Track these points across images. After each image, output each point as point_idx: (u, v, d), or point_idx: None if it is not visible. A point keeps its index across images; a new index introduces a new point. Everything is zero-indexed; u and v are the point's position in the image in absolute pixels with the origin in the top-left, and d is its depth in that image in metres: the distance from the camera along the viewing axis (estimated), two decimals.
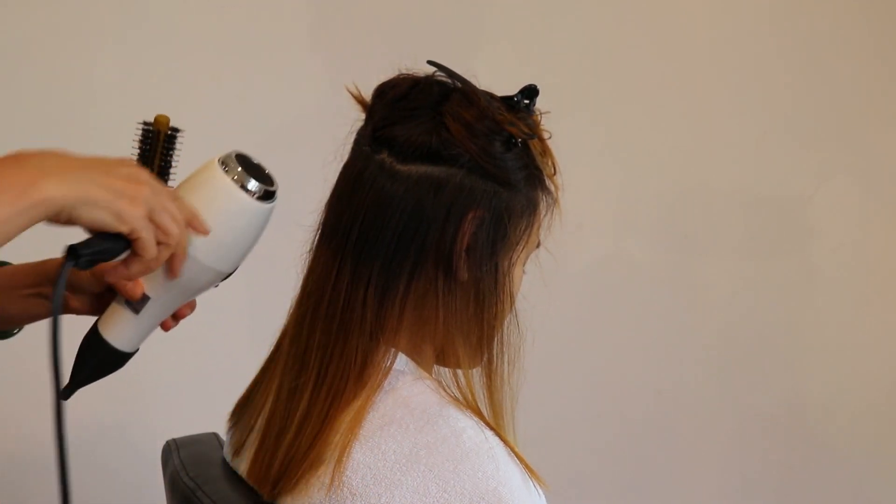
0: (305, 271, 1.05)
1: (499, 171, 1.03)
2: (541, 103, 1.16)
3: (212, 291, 1.03)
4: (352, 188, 1.03)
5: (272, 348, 1.09)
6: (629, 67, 2.08)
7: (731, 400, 2.11)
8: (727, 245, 2.09)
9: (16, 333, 1.22)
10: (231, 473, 1.10)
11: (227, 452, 1.14)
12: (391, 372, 1.01)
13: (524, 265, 1.09)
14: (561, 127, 1.16)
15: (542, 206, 1.08)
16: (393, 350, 1.02)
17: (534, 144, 1.08)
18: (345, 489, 0.97)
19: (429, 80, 1.06)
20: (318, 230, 1.08)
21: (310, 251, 1.07)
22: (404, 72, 1.08)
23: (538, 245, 1.08)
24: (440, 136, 1.01)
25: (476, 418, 1.00)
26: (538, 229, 1.07)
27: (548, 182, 1.09)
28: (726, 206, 2.08)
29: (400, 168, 1.00)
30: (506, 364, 1.06)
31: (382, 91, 1.07)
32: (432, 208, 1.00)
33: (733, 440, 2.13)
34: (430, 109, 1.03)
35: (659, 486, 2.14)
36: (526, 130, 1.02)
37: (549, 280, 1.22)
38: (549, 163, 1.10)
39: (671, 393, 2.10)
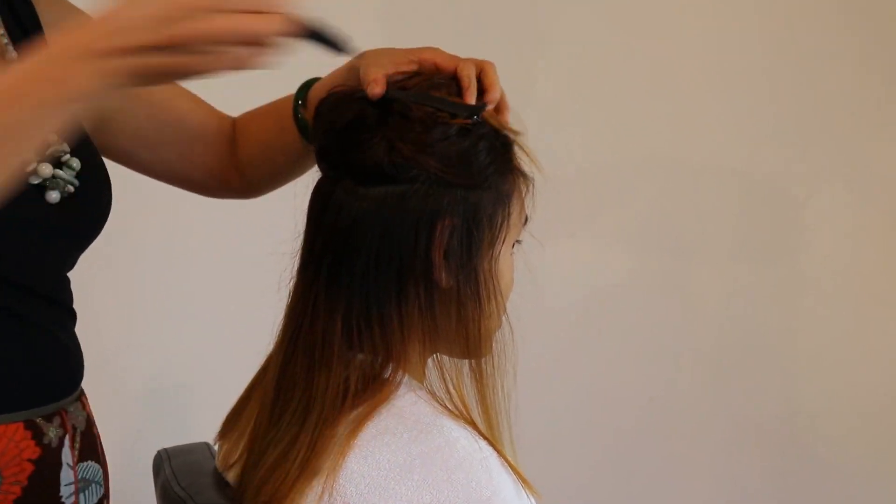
0: (289, 296, 1.03)
1: (461, 178, 1.01)
2: (536, 111, 1.13)
3: (206, 303, 1.02)
4: (320, 213, 1.02)
5: (260, 367, 1.08)
6: (622, 76, 2.07)
7: (724, 407, 2.11)
8: (719, 252, 2.09)
9: None
10: (223, 483, 1.09)
11: (218, 464, 1.12)
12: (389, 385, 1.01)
13: (512, 252, 1.06)
14: (555, 135, 1.15)
15: (518, 191, 1.05)
16: (392, 365, 1.00)
17: (489, 117, 1.06)
18: (338, 498, 0.95)
19: (364, 99, 1.03)
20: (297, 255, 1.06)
21: (292, 277, 1.05)
22: (336, 87, 1.07)
23: (525, 222, 1.05)
24: (392, 159, 0.99)
25: (470, 428, 0.99)
26: (520, 213, 1.05)
27: (518, 162, 1.06)
28: (718, 213, 2.08)
29: (363, 192, 0.99)
30: (496, 370, 1.05)
31: (327, 120, 1.06)
32: (401, 227, 0.99)
33: (725, 447, 2.12)
34: (375, 132, 1.00)
35: (651, 494, 2.13)
36: (474, 105, 1.00)
37: (542, 288, 1.22)
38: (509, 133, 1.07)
39: (663, 400, 2.10)
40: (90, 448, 1.11)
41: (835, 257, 2.09)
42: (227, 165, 1.24)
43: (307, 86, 1.15)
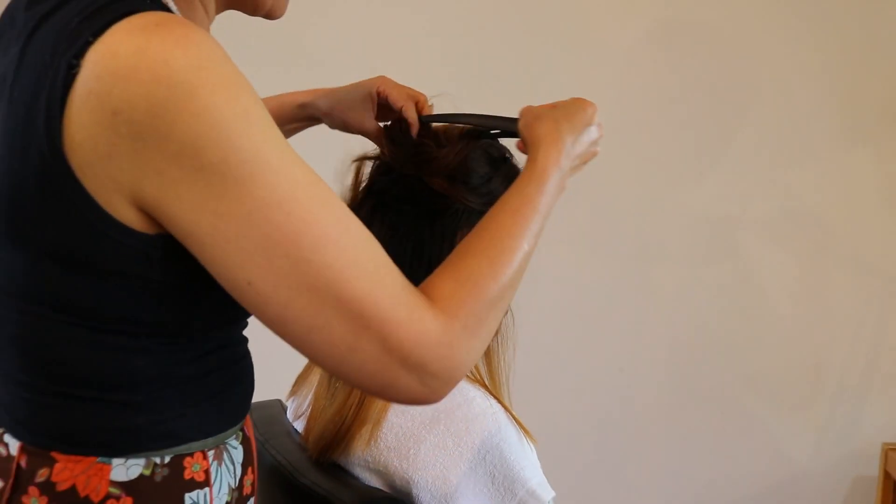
0: None
1: (484, 200, 1.06)
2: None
3: None
4: (368, 221, 1.06)
5: None
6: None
7: (677, 374, 2.16)
8: (673, 255, 2.13)
9: None
10: (293, 430, 1.18)
11: (289, 415, 1.21)
12: None
13: None
14: None
15: None
16: None
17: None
18: (381, 444, 1.05)
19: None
20: None
21: None
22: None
23: None
24: (429, 195, 1.05)
25: (483, 390, 1.08)
26: None
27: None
28: (673, 225, 2.12)
29: (406, 212, 1.07)
30: (500, 346, 1.11)
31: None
32: (430, 237, 1.06)
33: (677, 404, 2.17)
34: (410, 176, 1.06)
35: (618, 441, 2.19)
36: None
37: (536, 283, 1.26)
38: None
39: (630, 370, 2.17)
40: None
41: (764, 259, 2.11)
42: None
43: None
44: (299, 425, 1.18)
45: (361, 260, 0.76)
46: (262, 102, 0.75)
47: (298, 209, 0.73)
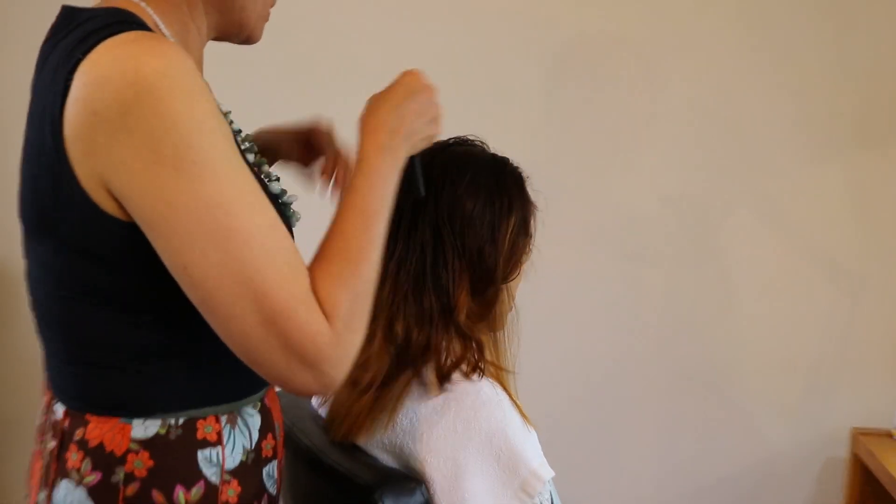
0: None
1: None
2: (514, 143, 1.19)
3: None
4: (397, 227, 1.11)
5: None
6: (586, 137, 2.09)
7: (664, 365, 2.19)
8: (662, 256, 2.15)
9: None
10: (317, 416, 1.22)
11: (314, 402, 1.26)
12: None
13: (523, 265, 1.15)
14: (543, 175, 1.23)
15: (532, 222, 1.15)
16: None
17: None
18: (397, 427, 1.08)
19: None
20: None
21: None
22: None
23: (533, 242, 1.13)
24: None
25: (490, 379, 1.11)
26: (531, 239, 1.15)
27: (532, 204, 1.15)
28: (662, 229, 2.14)
29: None
30: (507, 339, 1.15)
31: None
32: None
33: (664, 393, 2.20)
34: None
35: (612, 426, 2.22)
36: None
37: (537, 284, 1.30)
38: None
39: (623, 360, 2.20)
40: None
41: (743, 259, 2.14)
42: None
43: None
44: (322, 412, 1.22)
45: (279, 262, 0.83)
46: (220, 115, 0.84)
47: (238, 211, 0.82)
